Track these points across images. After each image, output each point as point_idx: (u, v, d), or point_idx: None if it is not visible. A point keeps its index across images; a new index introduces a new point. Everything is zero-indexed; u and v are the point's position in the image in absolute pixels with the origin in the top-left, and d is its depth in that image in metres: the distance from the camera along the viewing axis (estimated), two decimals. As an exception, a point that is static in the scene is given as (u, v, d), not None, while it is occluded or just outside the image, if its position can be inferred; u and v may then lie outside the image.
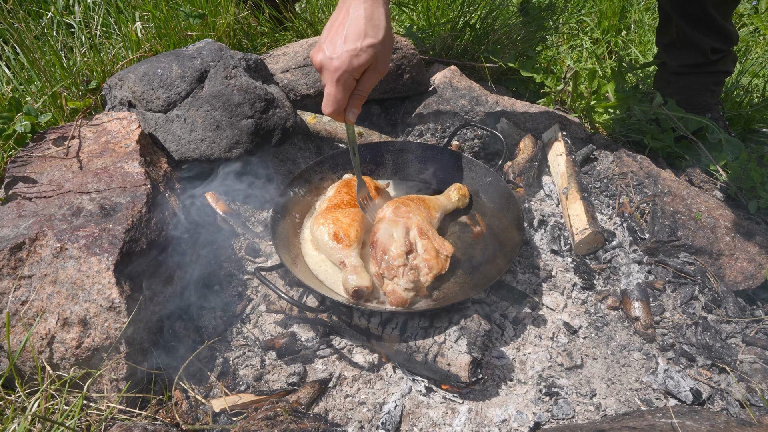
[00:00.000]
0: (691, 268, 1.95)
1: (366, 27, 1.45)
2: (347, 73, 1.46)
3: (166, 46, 2.46)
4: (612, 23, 3.51)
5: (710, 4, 2.20)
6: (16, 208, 1.61)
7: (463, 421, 1.55)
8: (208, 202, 2.02)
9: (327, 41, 1.48)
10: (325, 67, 1.48)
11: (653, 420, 1.39)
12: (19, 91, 2.29)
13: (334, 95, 1.49)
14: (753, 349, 1.77)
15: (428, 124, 2.46)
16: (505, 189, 1.93)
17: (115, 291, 1.46)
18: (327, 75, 1.49)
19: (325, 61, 1.47)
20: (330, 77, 1.48)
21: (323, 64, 1.48)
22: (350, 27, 1.45)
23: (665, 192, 2.10)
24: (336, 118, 1.55)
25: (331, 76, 1.47)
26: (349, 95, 1.52)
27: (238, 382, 1.62)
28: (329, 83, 1.49)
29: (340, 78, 1.47)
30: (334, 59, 1.45)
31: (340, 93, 1.49)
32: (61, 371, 1.46)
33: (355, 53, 1.45)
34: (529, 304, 1.83)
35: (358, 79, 1.51)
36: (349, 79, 1.48)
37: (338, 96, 1.49)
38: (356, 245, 1.72)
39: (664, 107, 2.37)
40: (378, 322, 1.62)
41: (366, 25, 1.45)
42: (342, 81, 1.47)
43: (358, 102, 1.55)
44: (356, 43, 1.44)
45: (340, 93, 1.49)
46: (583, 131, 2.39)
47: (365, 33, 1.45)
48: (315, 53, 1.50)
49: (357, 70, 1.47)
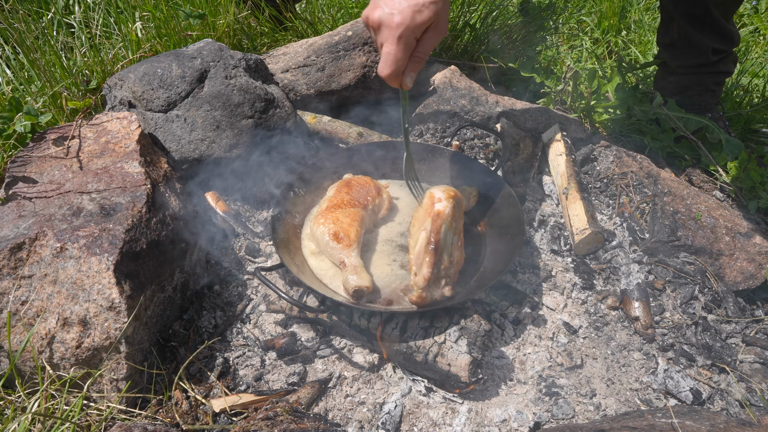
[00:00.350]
0: (691, 268, 1.95)
1: None
2: (410, 30, 1.35)
3: (166, 46, 2.46)
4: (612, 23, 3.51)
5: (712, 4, 2.20)
6: (16, 208, 1.61)
7: (463, 421, 1.55)
8: (208, 202, 2.03)
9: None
10: (385, 23, 1.36)
11: (653, 420, 1.39)
12: (19, 91, 2.29)
13: (395, 54, 1.37)
14: (753, 349, 1.77)
15: (428, 124, 2.46)
16: (505, 189, 1.93)
17: (115, 291, 1.46)
18: (386, 32, 1.36)
19: (384, 17, 1.35)
20: (390, 34, 1.35)
21: (382, 21, 1.36)
22: None
23: (665, 192, 2.10)
24: (392, 83, 1.44)
25: (392, 33, 1.35)
26: (409, 56, 1.41)
27: (238, 382, 1.62)
28: (389, 41, 1.36)
29: (402, 35, 1.35)
30: (395, 14, 1.34)
31: (401, 52, 1.37)
32: (61, 371, 1.46)
33: (417, 8, 1.34)
34: (529, 304, 1.83)
35: (418, 39, 1.40)
36: (410, 37, 1.37)
37: (398, 55, 1.37)
38: (356, 245, 1.72)
39: (664, 107, 2.38)
40: (378, 322, 1.62)
41: None
42: (404, 39, 1.36)
43: (416, 65, 1.44)
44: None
45: (401, 52, 1.37)
46: (583, 131, 2.39)
47: None
48: (371, 10, 1.39)
49: (420, 27, 1.36)
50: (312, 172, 2.00)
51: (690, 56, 2.40)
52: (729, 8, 2.29)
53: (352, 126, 2.31)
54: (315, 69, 2.36)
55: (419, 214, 1.70)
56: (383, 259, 1.82)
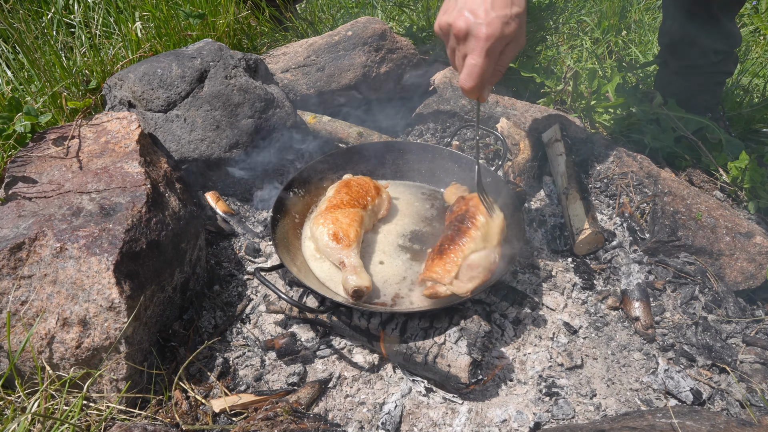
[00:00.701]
0: (691, 268, 1.95)
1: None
2: (498, 42, 1.31)
3: (166, 46, 2.46)
4: (612, 23, 3.51)
5: (716, 5, 2.19)
6: (16, 208, 1.61)
7: (463, 422, 1.55)
8: (208, 202, 2.03)
9: (469, 7, 1.32)
10: (474, 34, 1.31)
11: (653, 420, 1.39)
12: (19, 91, 2.29)
13: (482, 66, 1.33)
14: (753, 349, 1.77)
15: (428, 124, 2.47)
16: (506, 189, 1.92)
17: (115, 291, 1.46)
18: (474, 43, 1.32)
19: (473, 28, 1.31)
20: (479, 45, 1.31)
21: (471, 31, 1.31)
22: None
23: (665, 192, 2.10)
24: (471, 95, 1.40)
25: (481, 45, 1.31)
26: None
27: (238, 382, 1.61)
28: (476, 52, 1.32)
29: (492, 48, 1.31)
30: (483, 26, 1.29)
31: (488, 64, 1.33)
32: (61, 371, 1.46)
33: (506, 20, 1.30)
34: (529, 304, 1.83)
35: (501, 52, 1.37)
36: (497, 50, 1.33)
37: (486, 67, 1.33)
38: (356, 245, 1.72)
39: (665, 107, 2.37)
40: (378, 322, 1.62)
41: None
42: (492, 51, 1.32)
43: (496, 78, 1.42)
44: (506, 9, 1.30)
45: (488, 64, 1.33)
46: (583, 131, 2.39)
47: (512, 0, 1.32)
48: (455, 18, 1.34)
49: (507, 39, 1.33)
50: (312, 172, 2.00)
51: (691, 56, 2.39)
52: (732, 9, 2.28)
53: (352, 126, 2.31)
54: (315, 69, 2.36)
55: (492, 229, 1.72)
56: (383, 260, 1.82)
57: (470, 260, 1.61)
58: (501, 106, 2.40)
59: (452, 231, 1.68)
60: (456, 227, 1.69)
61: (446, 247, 1.65)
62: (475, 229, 1.68)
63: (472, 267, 1.61)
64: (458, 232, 1.67)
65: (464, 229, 1.67)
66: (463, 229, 1.67)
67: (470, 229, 1.67)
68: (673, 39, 2.40)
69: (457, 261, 1.60)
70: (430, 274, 1.62)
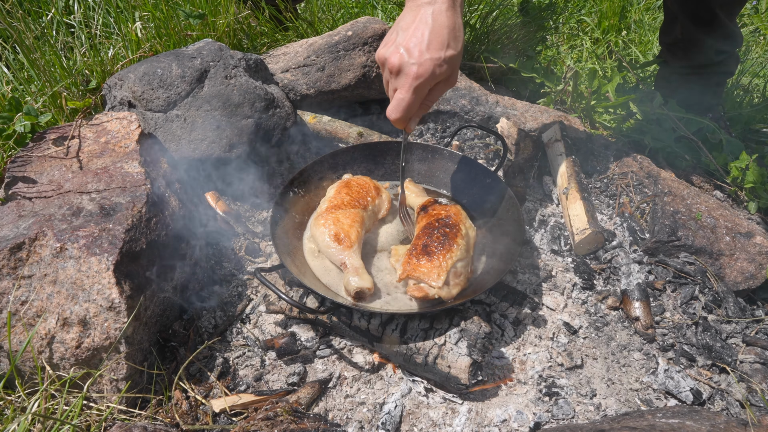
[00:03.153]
0: (691, 268, 1.95)
1: (449, 37, 1.41)
2: (427, 82, 1.42)
3: (166, 46, 2.46)
4: (612, 23, 3.51)
5: (717, 6, 2.19)
6: (16, 208, 1.61)
7: (463, 422, 1.55)
8: (208, 202, 2.02)
9: (405, 44, 1.41)
10: (405, 72, 1.42)
11: (653, 420, 1.39)
12: (19, 91, 2.29)
13: (408, 102, 1.44)
14: (753, 349, 1.77)
15: (428, 124, 2.46)
16: (506, 190, 1.92)
17: (115, 291, 1.46)
18: (404, 80, 1.43)
19: (405, 66, 1.41)
20: (408, 83, 1.42)
21: (402, 68, 1.42)
22: (432, 35, 1.40)
23: (665, 192, 2.10)
24: (398, 124, 1.51)
25: (410, 83, 1.42)
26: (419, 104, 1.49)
27: (238, 382, 1.61)
28: (405, 89, 1.43)
29: (420, 86, 1.42)
30: (415, 66, 1.40)
31: (416, 101, 1.45)
32: (61, 371, 1.46)
33: (438, 63, 1.40)
34: (529, 305, 1.83)
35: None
36: (425, 88, 1.44)
37: (412, 103, 1.44)
38: (357, 246, 1.72)
39: (665, 107, 2.37)
40: (378, 323, 1.62)
41: (449, 35, 1.41)
42: (420, 89, 1.43)
43: (423, 111, 1.53)
44: (440, 52, 1.40)
45: (416, 101, 1.45)
46: (583, 131, 2.39)
47: (448, 43, 1.41)
48: (391, 53, 1.44)
49: (436, 79, 1.43)
50: (312, 172, 2.00)
51: (692, 56, 2.39)
52: (734, 9, 2.28)
53: (352, 126, 2.31)
54: (315, 69, 2.36)
55: (471, 240, 1.76)
56: (384, 260, 1.82)
57: (456, 267, 1.64)
58: (501, 106, 2.40)
59: (439, 234, 1.68)
60: (443, 231, 1.68)
61: (434, 249, 1.64)
62: (461, 237, 1.69)
63: (456, 274, 1.64)
64: (446, 237, 1.67)
65: (452, 236, 1.67)
66: (451, 235, 1.68)
67: (457, 237, 1.68)
68: (675, 39, 2.40)
69: (447, 266, 1.61)
70: (417, 273, 1.61)
